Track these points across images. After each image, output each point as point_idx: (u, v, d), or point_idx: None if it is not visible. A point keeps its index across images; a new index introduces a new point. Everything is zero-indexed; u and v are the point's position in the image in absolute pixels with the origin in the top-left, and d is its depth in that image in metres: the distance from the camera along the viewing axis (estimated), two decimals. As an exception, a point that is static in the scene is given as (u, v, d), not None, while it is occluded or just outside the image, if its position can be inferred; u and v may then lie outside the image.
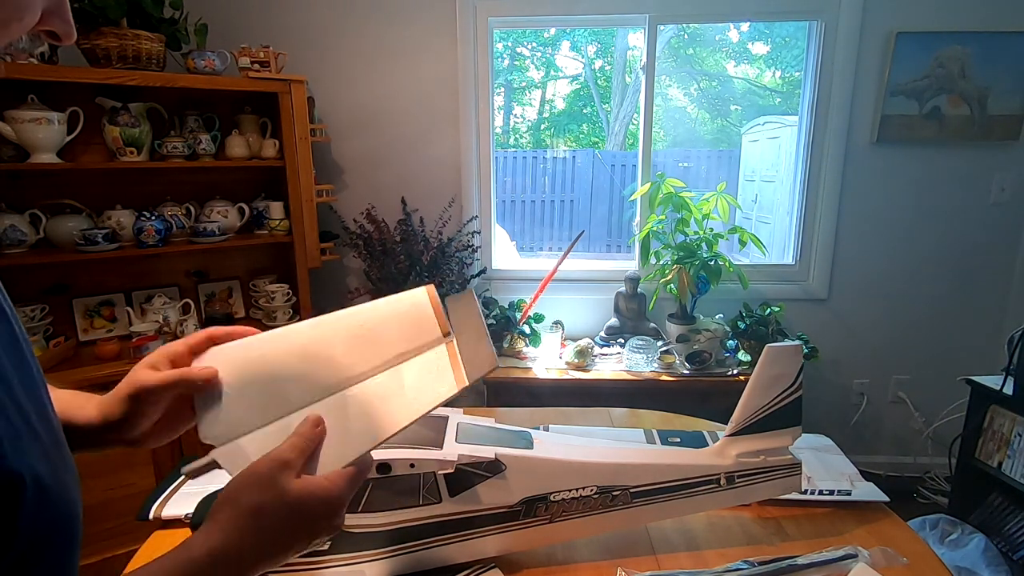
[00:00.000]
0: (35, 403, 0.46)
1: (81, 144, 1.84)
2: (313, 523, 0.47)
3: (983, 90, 2.20)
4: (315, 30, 2.27)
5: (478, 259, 2.44)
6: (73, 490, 0.46)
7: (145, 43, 1.77)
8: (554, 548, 0.82)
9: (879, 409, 2.53)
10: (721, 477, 0.81)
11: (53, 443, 0.45)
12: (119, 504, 1.67)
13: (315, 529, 0.48)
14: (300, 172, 2.02)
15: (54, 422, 0.47)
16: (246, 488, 0.46)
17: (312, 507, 0.47)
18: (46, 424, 0.46)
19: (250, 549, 0.45)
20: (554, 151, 6.55)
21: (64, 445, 0.47)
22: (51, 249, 1.84)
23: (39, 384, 0.48)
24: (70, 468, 0.47)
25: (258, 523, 0.45)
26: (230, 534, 0.44)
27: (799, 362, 0.82)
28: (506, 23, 2.37)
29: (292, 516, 0.46)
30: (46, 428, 0.45)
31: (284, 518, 0.46)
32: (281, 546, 0.46)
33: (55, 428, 0.47)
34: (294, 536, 0.47)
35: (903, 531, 0.88)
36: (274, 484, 0.46)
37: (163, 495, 0.94)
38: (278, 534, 0.46)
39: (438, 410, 0.80)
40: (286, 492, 0.46)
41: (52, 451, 0.45)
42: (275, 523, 0.45)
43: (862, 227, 2.37)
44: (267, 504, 0.45)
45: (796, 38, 5.10)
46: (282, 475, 0.46)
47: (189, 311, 1.99)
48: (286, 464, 0.47)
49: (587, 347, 2.17)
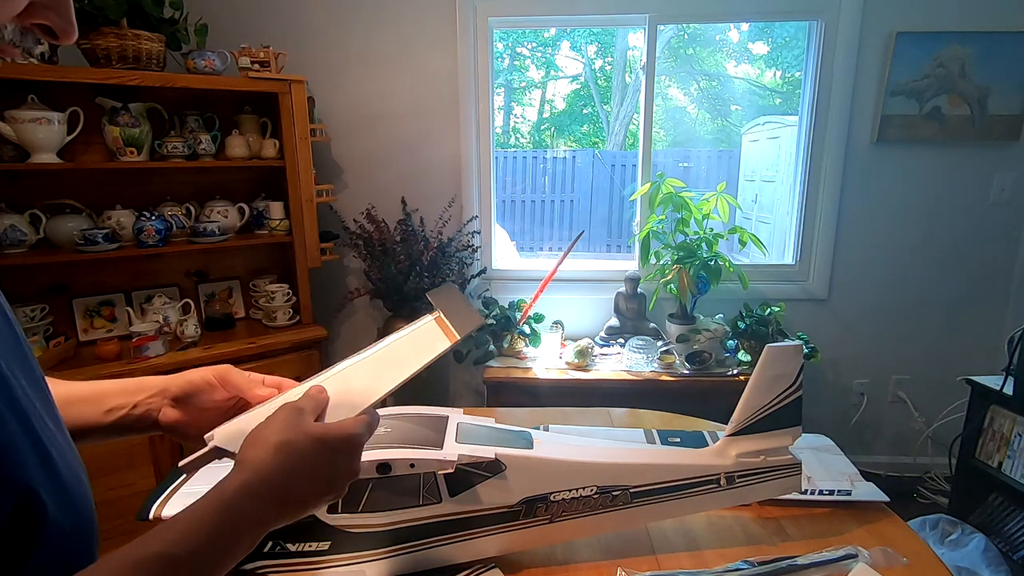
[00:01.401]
0: (43, 403, 0.46)
1: (81, 144, 1.84)
2: (334, 460, 0.49)
3: (983, 90, 2.20)
4: (315, 30, 2.27)
5: (478, 259, 2.44)
6: (83, 481, 0.47)
7: (145, 43, 1.77)
8: (554, 548, 0.82)
9: (879, 409, 2.53)
10: (721, 477, 0.81)
11: (59, 440, 0.46)
12: (119, 504, 1.67)
13: (336, 468, 0.50)
14: (300, 172, 2.02)
15: (59, 419, 0.48)
16: (270, 429, 0.48)
17: (333, 443, 0.49)
18: (54, 421, 0.47)
19: (281, 483, 0.46)
20: (554, 151, 6.55)
21: (70, 441, 0.48)
22: (51, 249, 1.84)
23: (44, 386, 0.48)
24: (77, 460, 0.48)
25: (286, 457, 0.47)
26: (259, 469, 0.46)
27: (799, 362, 0.81)
28: (506, 23, 2.37)
29: (316, 450, 0.48)
30: (55, 425, 0.46)
31: (309, 452, 0.48)
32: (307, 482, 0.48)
33: (61, 425, 0.48)
34: (318, 473, 0.49)
35: (903, 531, 0.88)
36: (297, 423, 0.49)
37: (163, 495, 0.94)
38: (304, 469, 0.48)
39: (438, 410, 0.81)
40: (309, 429, 0.49)
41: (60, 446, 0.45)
42: (301, 457, 0.47)
43: (862, 227, 2.37)
44: (293, 439, 0.48)
45: (796, 38, 5.10)
46: (302, 417, 0.50)
47: (189, 311, 1.99)
48: (302, 410, 0.50)
49: (587, 347, 2.17)
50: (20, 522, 0.38)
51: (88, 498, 0.47)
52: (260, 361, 1.94)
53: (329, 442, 0.49)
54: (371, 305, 2.49)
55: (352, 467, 0.51)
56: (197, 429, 0.59)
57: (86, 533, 0.45)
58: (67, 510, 0.42)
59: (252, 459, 0.47)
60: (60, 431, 0.47)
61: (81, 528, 0.44)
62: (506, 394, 2.13)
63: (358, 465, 0.52)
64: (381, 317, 2.41)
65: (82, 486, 0.46)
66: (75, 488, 0.44)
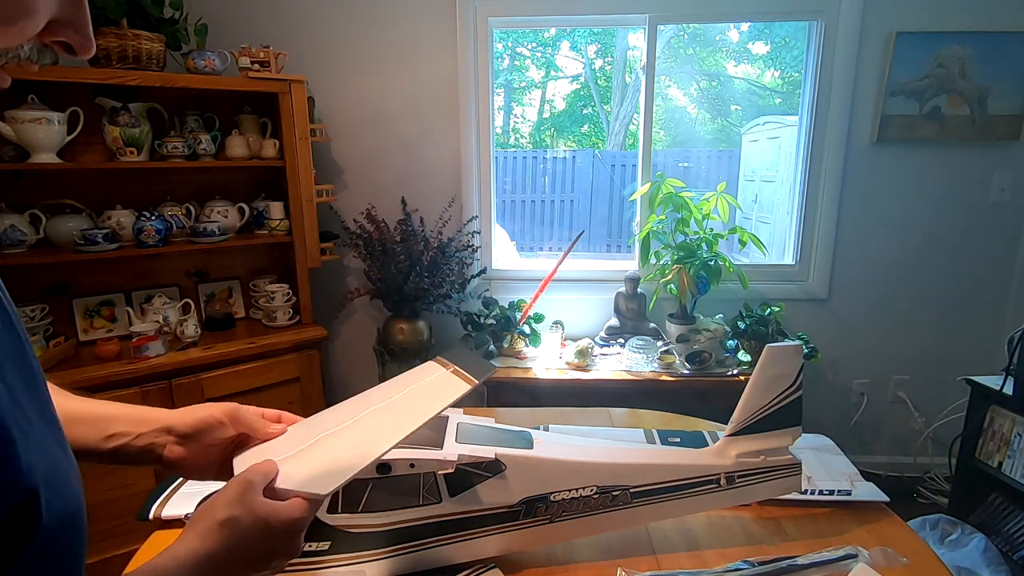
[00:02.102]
0: (39, 403, 0.46)
1: (81, 144, 1.84)
2: (274, 542, 0.53)
3: (983, 90, 2.20)
4: (315, 30, 2.27)
5: (478, 259, 2.44)
6: (76, 485, 0.47)
7: (145, 43, 1.77)
8: (554, 548, 0.82)
9: (879, 409, 2.53)
10: (721, 477, 0.81)
11: (56, 442, 0.46)
12: (119, 504, 1.67)
13: (276, 548, 0.53)
14: (300, 172, 2.02)
15: (57, 420, 0.48)
16: (221, 503, 0.52)
17: (275, 525, 0.52)
18: (51, 423, 0.47)
19: (223, 558, 0.50)
20: (554, 151, 6.55)
21: (67, 443, 0.48)
22: (51, 249, 1.84)
23: (41, 383, 0.48)
24: (73, 465, 0.48)
25: (231, 535, 0.51)
26: (206, 541, 0.50)
27: (799, 362, 0.82)
28: (506, 23, 2.37)
29: (259, 529, 0.52)
30: (51, 426, 0.46)
31: (253, 530, 0.51)
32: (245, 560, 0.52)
33: (59, 427, 0.48)
34: (258, 551, 0.52)
35: (903, 531, 0.88)
36: (243, 500, 0.52)
37: (163, 495, 0.94)
38: (247, 544, 0.51)
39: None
40: (255, 507, 0.52)
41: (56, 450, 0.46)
42: (242, 536, 0.51)
43: (862, 227, 2.37)
44: (238, 517, 0.51)
45: (796, 38, 5.10)
46: (248, 493, 0.52)
47: (189, 311, 1.99)
48: (252, 484, 0.53)
49: (587, 347, 2.17)
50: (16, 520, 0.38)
51: (79, 496, 0.47)
52: (260, 361, 1.95)
53: (271, 524, 0.52)
54: (371, 305, 2.49)
55: (291, 548, 0.54)
56: (200, 466, 0.63)
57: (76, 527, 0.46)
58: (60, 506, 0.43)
59: (201, 531, 0.50)
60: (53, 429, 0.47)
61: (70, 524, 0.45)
62: (506, 394, 2.13)
63: (299, 546, 0.55)
64: (381, 317, 2.41)
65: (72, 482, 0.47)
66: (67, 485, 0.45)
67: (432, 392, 0.66)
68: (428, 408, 0.62)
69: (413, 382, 0.69)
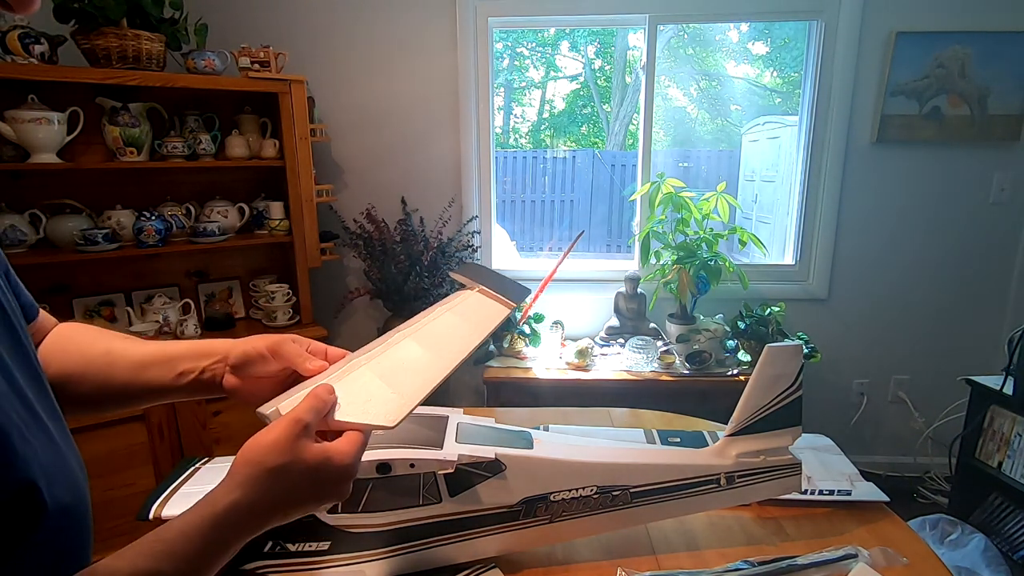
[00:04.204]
0: (39, 396, 0.47)
1: (81, 144, 1.84)
2: (326, 486, 0.50)
3: (983, 90, 2.20)
4: (315, 30, 2.27)
5: (478, 259, 2.44)
6: (79, 475, 0.47)
7: (145, 43, 1.77)
8: (554, 548, 0.82)
9: (879, 409, 2.53)
10: (721, 477, 0.81)
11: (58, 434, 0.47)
12: (119, 504, 1.67)
13: (327, 492, 0.51)
14: (300, 172, 2.02)
15: (58, 412, 0.49)
16: (269, 451, 0.48)
17: (328, 471, 0.49)
18: (52, 415, 0.47)
19: (269, 505, 0.48)
20: (554, 151, 6.55)
21: (69, 434, 0.49)
22: (51, 249, 1.84)
23: (41, 377, 0.49)
24: (76, 455, 0.48)
25: (280, 483, 0.48)
26: (250, 491, 0.47)
27: (799, 362, 0.81)
28: (506, 23, 2.37)
29: (310, 478, 0.49)
30: (52, 419, 0.47)
31: (303, 479, 0.48)
32: (296, 504, 0.50)
33: (60, 418, 0.49)
34: (309, 495, 0.50)
35: (903, 531, 0.88)
36: (295, 448, 0.48)
37: (163, 495, 0.94)
38: (296, 493, 0.49)
39: (438, 410, 0.81)
40: (306, 455, 0.48)
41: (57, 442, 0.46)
42: (295, 484, 0.48)
43: (862, 227, 2.37)
44: (288, 466, 0.48)
45: (796, 38, 5.09)
46: (301, 440, 0.48)
47: (189, 311, 1.99)
48: (304, 426, 0.49)
49: (587, 347, 2.17)
50: (14, 510, 0.38)
51: (81, 486, 0.48)
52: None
53: (324, 471, 0.49)
54: (371, 305, 2.49)
55: (341, 490, 0.52)
56: (254, 397, 0.60)
57: (79, 516, 0.46)
58: (61, 496, 0.43)
59: (246, 480, 0.47)
60: (54, 421, 0.47)
61: (73, 513, 0.45)
62: (506, 394, 2.13)
63: (349, 488, 0.52)
64: (381, 317, 2.41)
65: (74, 473, 0.47)
66: (68, 475, 0.45)
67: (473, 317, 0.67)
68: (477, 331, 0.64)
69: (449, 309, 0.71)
